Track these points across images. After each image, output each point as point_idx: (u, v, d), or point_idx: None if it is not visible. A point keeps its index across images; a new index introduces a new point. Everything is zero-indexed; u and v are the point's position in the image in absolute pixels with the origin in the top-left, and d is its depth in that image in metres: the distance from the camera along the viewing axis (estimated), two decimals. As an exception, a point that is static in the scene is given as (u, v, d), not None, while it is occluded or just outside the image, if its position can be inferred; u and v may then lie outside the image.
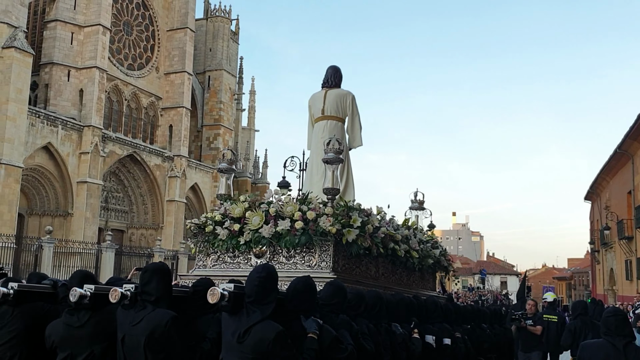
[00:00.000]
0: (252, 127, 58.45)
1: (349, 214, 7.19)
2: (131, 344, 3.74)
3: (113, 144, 40.08)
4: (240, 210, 7.43)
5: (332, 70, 8.89)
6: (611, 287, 37.45)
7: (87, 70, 38.19)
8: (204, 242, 7.80)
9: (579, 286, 75.13)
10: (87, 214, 36.83)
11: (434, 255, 9.50)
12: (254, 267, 4.33)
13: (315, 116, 8.88)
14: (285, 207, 7.20)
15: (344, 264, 7.35)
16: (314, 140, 8.77)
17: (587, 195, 45.31)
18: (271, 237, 7.13)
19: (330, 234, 6.87)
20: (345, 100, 8.74)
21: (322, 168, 8.09)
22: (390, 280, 8.42)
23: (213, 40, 49.88)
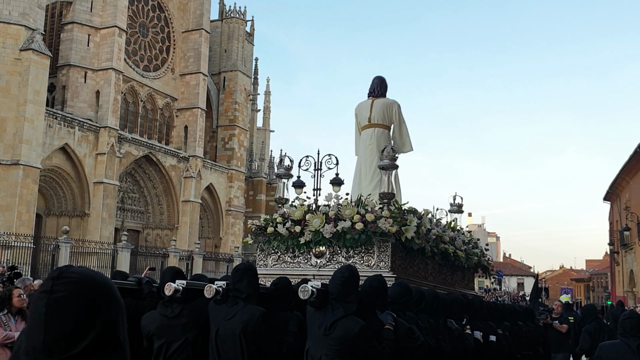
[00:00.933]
0: (268, 127, 58.58)
1: (404, 216, 7.70)
2: (225, 337, 4.16)
3: (129, 145, 40.29)
4: (301, 213, 7.86)
5: (377, 81, 9.39)
6: (631, 289, 36.88)
7: (103, 71, 38.43)
8: (265, 242, 8.22)
9: (597, 288, 74.19)
10: (103, 214, 37.05)
11: (476, 254, 10.02)
12: (338, 267, 4.71)
13: (362, 124, 9.33)
14: (343, 209, 7.65)
15: (400, 263, 7.80)
16: (362, 147, 9.27)
17: (606, 196, 44.68)
18: (332, 236, 7.54)
19: (390, 233, 7.35)
20: (392, 108, 9.24)
21: (370, 173, 8.91)
22: (437, 279, 8.88)
23: (228, 41, 49.98)
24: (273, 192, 56.46)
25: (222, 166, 48.30)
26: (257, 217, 42.96)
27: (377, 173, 8.72)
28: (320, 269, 7.79)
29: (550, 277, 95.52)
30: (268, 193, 54.58)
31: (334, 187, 21.49)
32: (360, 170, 9.28)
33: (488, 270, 11.04)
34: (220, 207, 48.12)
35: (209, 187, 46.92)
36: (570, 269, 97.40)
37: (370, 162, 8.97)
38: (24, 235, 28.60)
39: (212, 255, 40.55)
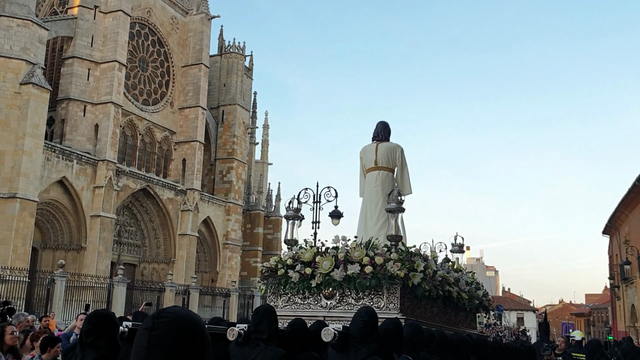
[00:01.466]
0: (266, 160, 58.66)
1: (411, 258, 7.99)
2: None
3: (127, 178, 40.24)
4: (310, 254, 8.13)
5: (381, 126, 9.86)
6: (633, 324, 36.45)
7: (102, 105, 38.61)
8: (276, 284, 8.46)
9: (598, 323, 73.43)
10: (100, 247, 36.77)
11: (478, 296, 10.43)
12: (358, 310, 4.80)
13: (367, 167, 9.75)
14: (352, 252, 7.90)
15: (408, 305, 8.05)
16: (367, 188, 9.63)
17: (605, 229, 44.53)
18: (342, 279, 7.80)
19: (398, 277, 7.62)
20: (395, 152, 9.68)
21: (376, 214, 9.24)
22: (442, 319, 9.23)
23: (227, 75, 50.42)
24: (271, 225, 56.35)
25: (219, 199, 48.17)
26: (254, 251, 42.70)
27: (382, 214, 9.02)
28: (330, 310, 7.97)
29: (550, 312, 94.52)
30: (266, 226, 54.34)
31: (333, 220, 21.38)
32: (365, 211, 9.55)
33: (489, 311, 11.48)
34: (218, 240, 47.83)
35: (206, 220, 46.70)
36: (570, 303, 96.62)
37: (375, 204, 9.32)
38: (19, 269, 28.29)
39: (208, 290, 40.10)
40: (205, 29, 47.26)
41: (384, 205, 8.88)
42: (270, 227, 55.17)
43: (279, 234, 55.67)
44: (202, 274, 47.27)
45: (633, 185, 31.44)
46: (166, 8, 45.98)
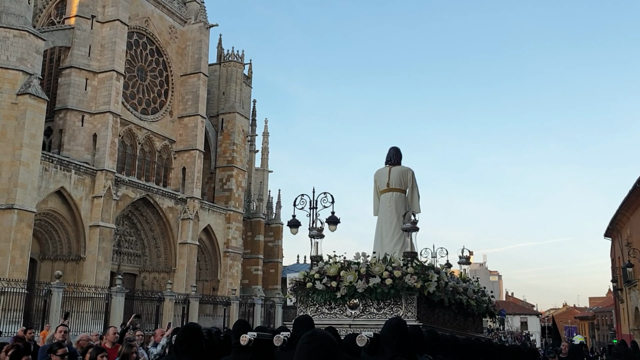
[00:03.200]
0: (266, 168, 58.59)
1: (425, 271, 8.98)
2: None
3: (126, 188, 40.14)
4: (335, 269, 9.08)
5: (393, 151, 10.83)
6: (637, 327, 36.14)
7: (100, 115, 38.54)
8: (305, 295, 9.46)
9: (602, 326, 72.99)
10: (99, 258, 36.59)
11: (485, 302, 11.49)
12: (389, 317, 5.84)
13: (381, 188, 10.71)
14: (373, 266, 8.87)
15: (424, 313, 9.01)
16: (382, 208, 10.56)
17: (607, 232, 44.27)
18: (364, 291, 8.75)
19: (415, 288, 8.63)
20: (407, 175, 10.64)
21: (390, 232, 10.22)
22: (453, 325, 10.15)
23: (226, 84, 50.41)
24: (272, 233, 56.13)
25: (220, 207, 48.04)
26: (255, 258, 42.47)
27: (396, 232, 10.12)
28: (354, 319, 8.88)
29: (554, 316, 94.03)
30: (266, 234, 54.15)
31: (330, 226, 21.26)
32: (381, 229, 10.48)
33: (494, 316, 12.58)
34: (218, 248, 47.67)
35: (206, 228, 46.56)
36: (574, 307, 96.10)
37: (390, 222, 10.30)
38: (17, 281, 28.14)
39: (209, 299, 39.88)
40: (203, 37, 47.28)
41: (397, 223, 10.08)
42: (271, 235, 55.00)
43: (280, 241, 55.52)
44: (203, 282, 47.08)
45: (634, 187, 31.23)
46: (164, 17, 46.02)
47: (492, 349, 7.50)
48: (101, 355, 6.96)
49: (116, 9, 39.29)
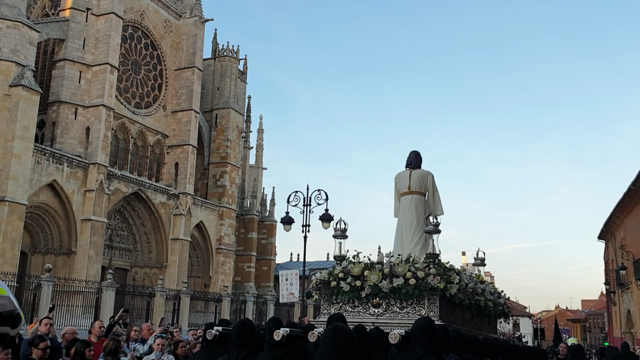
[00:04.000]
0: (260, 165, 58.34)
1: (447, 272, 9.22)
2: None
3: (118, 182, 39.86)
4: (359, 269, 9.33)
5: (414, 155, 11.04)
6: (629, 329, 36.14)
7: (94, 108, 38.25)
8: (329, 294, 9.71)
9: (594, 329, 73.18)
10: (90, 252, 36.34)
11: (501, 304, 11.89)
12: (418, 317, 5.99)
13: (401, 191, 10.92)
14: (396, 267, 9.13)
15: (445, 312, 9.24)
16: (402, 210, 10.81)
17: (600, 235, 44.28)
18: (388, 290, 9.01)
19: (438, 289, 8.88)
20: (427, 178, 10.88)
21: (410, 233, 10.51)
22: (471, 324, 10.43)
23: (221, 79, 50.15)
24: (265, 230, 55.88)
25: (212, 203, 47.78)
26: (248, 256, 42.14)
27: (416, 233, 10.43)
28: (377, 318, 9.09)
29: (546, 318, 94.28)
30: (260, 231, 53.93)
31: (324, 224, 21.14)
32: (401, 230, 10.73)
33: (508, 317, 13.07)
34: (211, 245, 47.42)
35: (199, 224, 46.30)
36: (566, 309, 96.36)
37: (410, 224, 10.58)
38: (7, 274, 27.84)
39: (200, 295, 39.65)
40: (198, 32, 47.01)
41: (417, 225, 10.43)
42: (265, 232, 54.78)
43: (273, 238, 55.32)
44: (195, 279, 46.84)
45: (628, 189, 31.19)
46: (159, 11, 45.71)
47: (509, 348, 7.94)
48: (89, 350, 6.76)
49: (111, 1, 39.00)
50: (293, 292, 21.11)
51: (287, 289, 21.09)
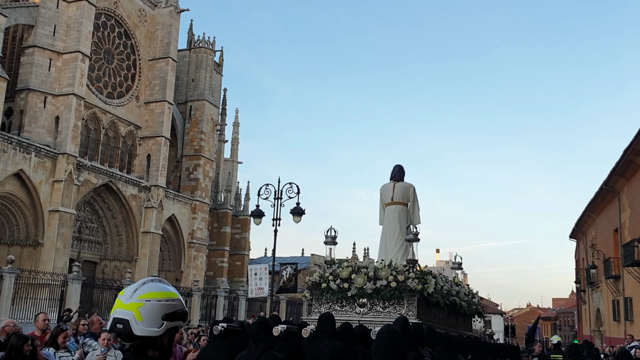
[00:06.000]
0: (235, 158, 57.65)
1: (424, 276, 10.23)
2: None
3: (88, 173, 38.98)
4: (347, 272, 10.42)
5: (397, 168, 12.17)
6: (598, 328, 36.47)
7: (64, 97, 37.32)
8: (319, 294, 10.78)
9: (564, 327, 74.07)
10: (58, 244, 35.49)
11: (474, 304, 12.88)
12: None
13: (386, 201, 12.04)
14: (380, 271, 10.20)
15: (423, 312, 10.16)
16: (386, 219, 11.92)
17: (572, 234, 44.68)
18: (372, 292, 10.07)
19: (416, 290, 9.90)
20: (409, 190, 12.00)
21: (394, 240, 11.63)
22: (446, 323, 11.25)
23: (196, 70, 49.38)
24: (239, 225, 55.24)
25: (185, 197, 47.05)
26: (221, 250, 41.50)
27: (399, 240, 11.55)
28: (363, 316, 10.06)
29: (518, 316, 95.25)
30: (234, 225, 53.30)
31: (295, 217, 20.77)
32: (385, 237, 11.84)
33: (482, 316, 13.99)
34: (183, 239, 46.73)
35: (171, 218, 45.56)
36: (537, 307, 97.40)
37: (393, 232, 11.68)
38: (-32, 265, 26.95)
39: (170, 289, 38.95)
40: (174, 22, 46.18)
41: (400, 233, 11.53)
42: (239, 227, 54.17)
43: (247, 233, 54.73)
44: (166, 273, 46.10)
45: (600, 189, 31.41)
46: (134, 0, 44.80)
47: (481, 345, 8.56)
48: (27, 344, 6.26)
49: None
50: (262, 287, 20.71)
51: (256, 284, 20.69)
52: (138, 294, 2.37)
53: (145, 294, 2.37)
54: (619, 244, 29.04)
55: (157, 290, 2.40)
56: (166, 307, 2.36)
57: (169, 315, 2.37)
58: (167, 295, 2.40)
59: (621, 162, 26.39)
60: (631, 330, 23.81)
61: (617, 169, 27.40)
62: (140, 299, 2.35)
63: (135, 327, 2.31)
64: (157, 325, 2.33)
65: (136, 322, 2.31)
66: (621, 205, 29.17)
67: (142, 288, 2.40)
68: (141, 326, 2.31)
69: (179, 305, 2.44)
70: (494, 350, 9.29)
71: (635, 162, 25.41)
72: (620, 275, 29.14)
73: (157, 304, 2.34)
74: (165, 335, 2.38)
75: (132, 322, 2.31)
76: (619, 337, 27.56)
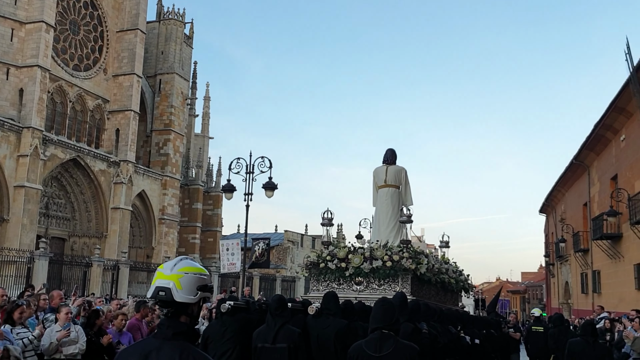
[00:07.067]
0: (206, 133, 56.75)
1: (417, 256, 10.86)
2: (323, 339, 6.22)
3: (55, 147, 37.96)
4: (344, 252, 11.01)
5: (390, 152, 12.62)
6: (566, 300, 37.15)
7: (28, 69, 36.13)
8: (318, 273, 11.36)
9: (532, 300, 75.55)
10: (24, 220, 34.65)
11: (462, 281, 13.60)
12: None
13: (379, 184, 12.48)
14: (375, 251, 10.78)
15: (416, 289, 10.81)
16: (379, 201, 12.40)
17: (542, 208, 45.24)
18: (369, 271, 10.70)
19: (410, 269, 10.56)
20: (401, 173, 12.49)
21: (386, 221, 12.14)
22: (437, 298, 11.90)
23: (165, 43, 48.24)
24: (211, 201, 54.68)
25: (155, 172, 46.26)
26: (193, 227, 40.92)
27: (391, 221, 12.05)
28: (359, 293, 10.63)
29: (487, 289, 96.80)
30: (205, 202, 52.74)
31: (267, 192, 20.37)
32: (379, 219, 12.39)
33: (469, 291, 14.74)
34: (153, 215, 46.06)
35: (141, 194, 44.81)
36: (507, 281, 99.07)
37: (386, 213, 12.17)
38: None
39: (141, 266, 38.48)
40: (142, -8, 44.85)
41: (392, 214, 12.07)
42: (210, 203, 53.61)
43: (220, 210, 54.22)
44: (137, 249, 45.51)
45: (570, 163, 31.68)
46: (100, -32, 43.35)
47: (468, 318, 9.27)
48: None
49: (46, -45, 36.60)
50: (234, 262, 20.44)
51: (228, 259, 20.41)
52: (178, 267, 2.74)
53: (184, 267, 2.75)
54: (588, 217, 29.41)
55: (192, 265, 2.78)
56: (200, 280, 2.75)
57: (201, 287, 2.75)
58: (200, 270, 2.79)
59: (592, 137, 26.58)
60: (599, 302, 24.22)
61: (587, 144, 27.60)
62: (180, 272, 2.72)
63: (176, 294, 2.68)
64: (193, 294, 2.71)
65: (177, 290, 2.68)
66: (591, 179, 29.48)
67: (180, 263, 2.77)
68: (181, 294, 2.68)
69: (209, 280, 2.84)
70: (479, 322, 9.90)
71: (605, 136, 25.60)
72: (589, 248, 29.57)
73: (193, 276, 2.73)
74: (196, 305, 2.75)
75: (173, 290, 2.68)
76: (586, 309, 28.06)
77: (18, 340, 6.71)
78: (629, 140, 23.15)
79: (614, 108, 22.94)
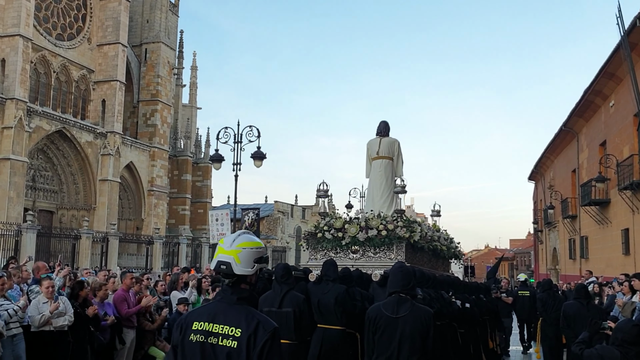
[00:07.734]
0: (194, 104, 56.13)
1: (411, 225, 11.18)
2: (324, 304, 6.76)
3: (40, 119, 37.40)
4: (341, 223, 11.34)
5: (383, 125, 12.85)
6: (554, 266, 37.54)
7: (9, 38, 35.35)
8: (315, 243, 11.72)
9: (521, 266, 76.44)
10: (10, 193, 34.30)
11: (453, 248, 13.97)
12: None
13: (372, 156, 12.72)
14: (371, 221, 11.09)
15: (409, 256, 11.09)
16: (373, 172, 12.69)
17: (531, 175, 45.41)
18: (364, 240, 11.02)
19: (403, 237, 10.93)
20: (394, 145, 12.71)
21: (380, 192, 12.47)
22: (428, 265, 12.23)
23: (150, 11, 47.30)
24: (200, 172, 54.35)
25: (143, 143, 45.81)
26: (182, 198, 40.75)
27: (385, 192, 12.40)
28: (355, 261, 10.91)
29: (476, 257, 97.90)
30: (194, 173, 52.45)
31: (256, 162, 20.17)
32: (373, 189, 12.68)
33: (459, 258, 15.13)
34: (142, 187, 45.76)
35: (129, 165, 44.42)
36: (495, 248, 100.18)
37: (379, 185, 12.48)
38: None
39: (130, 237, 38.36)
40: (125, -41, 43.76)
41: (386, 185, 12.38)
42: (200, 174, 53.33)
43: (209, 181, 53.98)
44: (126, 221, 45.33)
45: (559, 130, 31.68)
46: None
47: (459, 283, 9.60)
48: None
49: None
50: (224, 232, 20.30)
51: (217, 230, 20.28)
52: (237, 243, 3.01)
53: (242, 243, 3.01)
54: (577, 184, 29.54)
55: (249, 240, 3.04)
56: (257, 253, 3.03)
57: (258, 259, 3.03)
58: (257, 244, 3.05)
59: (581, 103, 26.51)
60: (586, 268, 24.45)
61: (576, 110, 27.54)
62: (239, 247, 2.99)
63: (235, 268, 2.97)
64: (250, 267, 3.00)
65: (236, 264, 2.97)
66: (579, 146, 29.51)
67: (238, 239, 3.03)
68: (240, 267, 2.98)
69: (264, 252, 3.07)
70: (470, 287, 10.32)
71: (594, 102, 25.54)
72: (577, 214, 29.76)
73: (250, 251, 3.01)
74: (254, 275, 3.03)
75: (233, 264, 2.97)
76: (574, 275, 28.36)
77: (1, 311, 6.59)
78: (618, 106, 23.10)
79: (603, 73, 22.83)
